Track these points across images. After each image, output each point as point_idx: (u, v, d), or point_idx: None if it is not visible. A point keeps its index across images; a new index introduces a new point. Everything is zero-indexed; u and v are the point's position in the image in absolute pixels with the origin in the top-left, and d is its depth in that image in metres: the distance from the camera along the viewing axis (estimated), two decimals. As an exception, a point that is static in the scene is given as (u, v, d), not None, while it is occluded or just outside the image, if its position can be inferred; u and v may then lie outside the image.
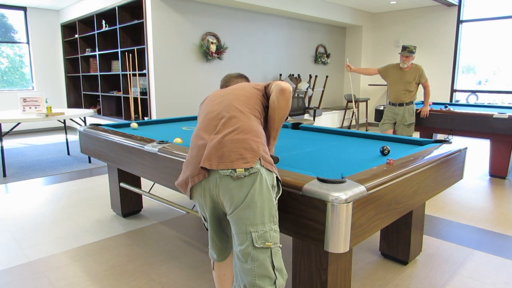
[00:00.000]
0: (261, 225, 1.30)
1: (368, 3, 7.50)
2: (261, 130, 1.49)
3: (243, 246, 1.30)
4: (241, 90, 1.64)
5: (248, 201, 1.29)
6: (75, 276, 2.27)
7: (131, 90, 6.11)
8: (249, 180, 1.30)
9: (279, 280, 1.31)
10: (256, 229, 1.29)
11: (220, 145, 1.35)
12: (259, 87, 1.68)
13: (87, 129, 3.03)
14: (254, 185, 1.30)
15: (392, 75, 4.41)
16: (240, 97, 1.58)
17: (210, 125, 1.49)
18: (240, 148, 1.34)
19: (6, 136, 7.02)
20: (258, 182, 1.30)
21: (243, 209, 1.30)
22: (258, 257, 1.29)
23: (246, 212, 1.29)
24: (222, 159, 1.32)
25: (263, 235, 1.29)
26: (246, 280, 1.32)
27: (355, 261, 2.45)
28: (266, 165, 1.35)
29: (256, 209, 1.29)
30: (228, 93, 1.64)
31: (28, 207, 3.45)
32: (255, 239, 1.28)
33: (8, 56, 7.78)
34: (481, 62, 9.18)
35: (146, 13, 5.54)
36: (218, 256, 1.61)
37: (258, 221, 1.29)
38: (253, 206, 1.29)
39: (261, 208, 1.30)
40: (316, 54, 8.19)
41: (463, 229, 2.97)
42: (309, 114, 7.19)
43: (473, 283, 2.19)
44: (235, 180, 1.31)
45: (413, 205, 1.85)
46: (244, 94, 1.60)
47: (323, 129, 2.98)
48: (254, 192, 1.30)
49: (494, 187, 4.09)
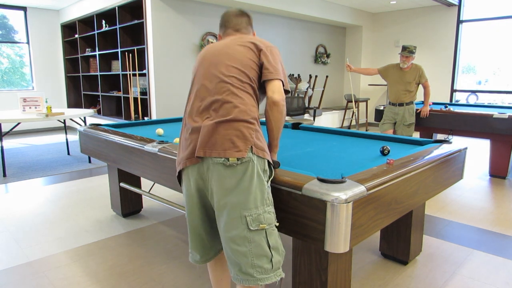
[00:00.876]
0: (254, 208, 1.35)
1: (368, 3, 7.50)
2: (254, 112, 1.45)
3: (238, 231, 1.35)
4: (235, 57, 1.50)
5: (241, 187, 1.34)
6: (75, 276, 2.27)
7: (131, 90, 6.11)
8: (242, 167, 1.35)
9: (275, 257, 1.39)
10: (250, 213, 1.34)
11: (214, 132, 1.38)
12: (255, 58, 1.51)
13: (87, 129, 3.03)
14: (246, 172, 1.35)
15: (392, 75, 4.41)
16: (233, 70, 1.47)
17: (202, 107, 1.47)
18: (233, 136, 1.36)
19: (6, 136, 7.02)
20: (250, 169, 1.36)
21: (237, 195, 1.34)
22: (254, 239, 1.35)
23: (239, 198, 1.34)
24: (215, 146, 1.36)
25: (257, 218, 1.35)
26: (243, 262, 1.36)
27: (355, 261, 2.45)
28: (258, 152, 1.38)
29: (249, 194, 1.34)
30: (221, 61, 1.50)
31: (28, 207, 3.45)
32: (250, 223, 1.34)
33: (8, 56, 7.78)
34: (481, 62, 9.18)
35: (146, 13, 5.54)
36: (202, 256, 1.58)
37: (252, 205, 1.35)
38: (246, 191, 1.34)
39: (254, 193, 1.35)
40: (316, 54, 8.19)
41: (463, 229, 2.97)
42: (309, 114, 7.19)
43: (473, 283, 2.19)
44: (227, 168, 1.35)
45: (413, 205, 1.85)
46: (238, 64, 1.48)
47: (323, 129, 2.98)
48: (246, 179, 1.35)
49: (494, 187, 4.09)
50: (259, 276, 1.36)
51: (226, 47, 1.54)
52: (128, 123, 3.32)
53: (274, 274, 1.38)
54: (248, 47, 1.52)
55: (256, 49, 1.52)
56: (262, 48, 1.51)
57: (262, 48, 1.51)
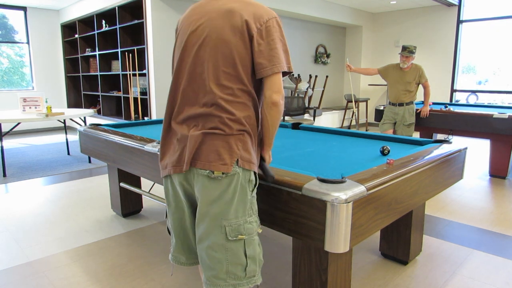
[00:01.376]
0: (234, 219, 1.31)
1: (368, 3, 7.50)
2: (247, 121, 1.33)
3: (216, 238, 1.31)
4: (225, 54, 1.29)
5: (224, 198, 1.30)
6: (75, 276, 2.27)
7: (131, 90, 6.11)
8: (226, 180, 1.29)
9: (250, 266, 1.35)
10: (230, 223, 1.30)
11: (200, 143, 1.30)
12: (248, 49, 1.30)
13: (87, 129, 3.03)
14: (231, 185, 1.30)
15: (392, 75, 4.41)
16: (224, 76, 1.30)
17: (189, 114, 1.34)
18: (219, 147, 1.29)
19: (6, 136, 7.02)
20: (234, 182, 1.30)
21: (219, 205, 1.30)
22: (231, 247, 1.32)
23: (221, 208, 1.30)
24: (200, 158, 1.29)
25: (236, 228, 1.31)
26: (217, 268, 1.33)
27: (355, 261, 2.45)
28: (244, 164, 1.31)
29: (231, 206, 1.30)
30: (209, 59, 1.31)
31: (28, 207, 3.45)
32: (229, 233, 1.30)
33: (8, 56, 7.78)
34: (481, 62, 9.18)
35: (146, 13, 5.54)
36: (188, 259, 1.51)
37: (232, 216, 1.31)
38: (228, 203, 1.30)
39: (236, 205, 1.31)
40: (316, 54, 8.19)
41: (463, 229, 2.97)
42: (309, 114, 7.19)
43: (473, 283, 2.19)
44: (212, 179, 1.29)
45: (413, 205, 1.85)
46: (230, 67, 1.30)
47: (323, 129, 2.98)
48: (230, 191, 1.30)
49: (494, 187, 4.09)
50: (231, 282, 1.34)
51: (214, 30, 1.30)
52: (128, 123, 3.32)
53: (247, 281, 1.36)
54: (239, 34, 1.28)
55: (248, 34, 1.28)
56: (253, 34, 1.28)
57: (253, 34, 1.28)
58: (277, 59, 1.29)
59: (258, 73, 1.31)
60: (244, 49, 1.29)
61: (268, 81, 1.31)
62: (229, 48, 1.29)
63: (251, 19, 1.29)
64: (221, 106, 1.29)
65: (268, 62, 1.29)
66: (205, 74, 1.31)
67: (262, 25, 1.29)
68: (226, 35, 1.29)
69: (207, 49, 1.31)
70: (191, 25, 1.36)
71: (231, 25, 1.29)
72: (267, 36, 1.29)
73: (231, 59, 1.29)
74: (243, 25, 1.28)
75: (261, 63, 1.29)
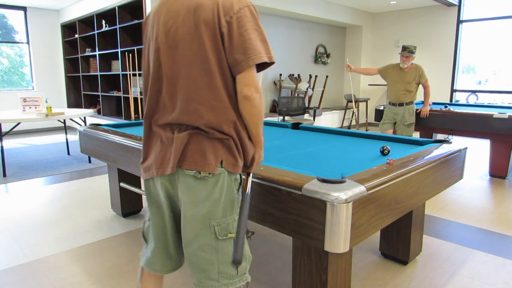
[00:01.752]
0: (223, 218, 1.29)
1: (368, 3, 7.50)
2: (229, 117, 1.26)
3: (206, 239, 1.29)
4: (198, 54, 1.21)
5: (211, 198, 1.27)
6: (75, 276, 2.27)
7: (131, 90, 6.11)
8: (213, 180, 1.26)
9: (242, 264, 1.34)
10: (218, 223, 1.28)
11: (186, 144, 1.26)
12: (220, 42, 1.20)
13: (87, 129, 3.04)
14: (217, 184, 1.27)
15: (392, 75, 4.41)
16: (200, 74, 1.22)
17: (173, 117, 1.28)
18: (205, 148, 1.25)
19: (6, 136, 7.02)
20: (221, 181, 1.28)
21: (206, 205, 1.27)
22: (222, 247, 1.30)
23: (208, 208, 1.27)
24: (186, 158, 1.25)
25: (225, 227, 1.29)
26: (209, 269, 1.31)
27: (355, 261, 2.45)
28: (228, 166, 1.28)
29: (218, 205, 1.28)
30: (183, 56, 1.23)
31: (28, 207, 3.45)
32: (218, 232, 1.28)
33: (8, 56, 7.78)
34: (481, 62, 9.18)
35: (146, 13, 5.54)
36: (163, 266, 1.44)
37: (220, 215, 1.29)
38: (216, 202, 1.28)
39: (224, 203, 1.29)
40: (316, 54, 8.19)
41: (463, 229, 2.97)
42: (309, 114, 7.19)
43: (473, 283, 2.19)
44: (198, 179, 1.26)
45: (413, 205, 1.85)
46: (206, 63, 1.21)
47: (323, 129, 2.98)
48: (217, 190, 1.27)
49: (494, 187, 4.09)
50: (224, 282, 1.32)
51: (187, 31, 1.22)
52: (128, 123, 3.32)
53: (239, 279, 1.35)
54: (211, 32, 1.19)
55: (219, 30, 1.19)
56: (223, 30, 1.19)
57: (223, 30, 1.19)
58: (253, 51, 1.18)
59: (234, 70, 1.21)
60: (219, 48, 1.21)
61: (240, 76, 1.21)
62: (204, 49, 1.20)
63: (221, 12, 1.18)
64: (202, 112, 1.23)
65: (243, 56, 1.18)
66: (183, 79, 1.24)
67: (233, 16, 1.18)
68: (199, 36, 1.20)
69: (182, 52, 1.23)
70: (163, 25, 1.26)
71: (203, 23, 1.19)
72: (238, 27, 1.18)
73: (207, 61, 1.21)
74: (215, 21, 1.19)
75: (236, 58, 1.19)
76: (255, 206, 1.64)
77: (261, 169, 1.66)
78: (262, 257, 2.50)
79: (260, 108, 1.25)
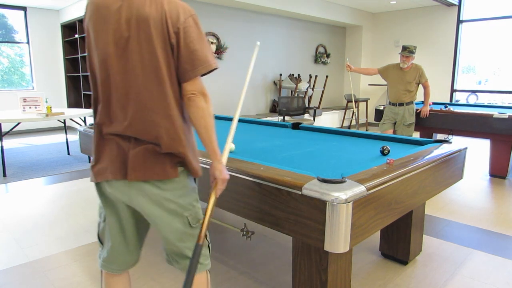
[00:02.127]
0: (192, 208, 1.39)
1: (368, 3, 7.50)
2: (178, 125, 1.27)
3: (183, 230, 1.38)
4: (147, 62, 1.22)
5: (176, 195, 1.34)
6: (75, 276, 2.27)
7: (131, 90, 6.11)
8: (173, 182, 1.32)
9: (206, 243, 1.46)
10: (190, 213, 1.38)
11: (143, 157, 1.26)
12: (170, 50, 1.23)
13: (87, 129, 3.03)
14: (179, 184, 1.34)
15: (392, 75, 4.41)
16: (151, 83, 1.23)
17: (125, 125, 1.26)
18: (161, 158, 1.27)
19: (6, 136, 7.02)
20: (181, 177, 1.34)
21: (175, 202, 1.34)
22: (195, 233, 1.41)
23: (178, 203, 1.34)
24: (146, 170, 1.27)
25: (195, 216, 1.40)
26: (190, 255, 1.41)
27: (355, 261, 2.45)
28: (186, 169, 1.34)
29: (186, 197, 1.37)
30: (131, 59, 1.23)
31: (28, 207, 3.45)
32: (191, 221, 1.39)
33: (8, 56, 7.78)
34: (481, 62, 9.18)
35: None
36: (121, 266, 1.48)
37: (190, 205, 1.38)
38: (183, 196, 1.36)
39: (189, 195, 1.38)
40: (316, 54, 8.19)
41: (463, 229, 2.97)
42: (309, 114, 7.19)
43: (473, 283, 2.19)
44: (158, 186, 1.30)
45: (413, 205, 1.85)
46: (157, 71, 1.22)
47: (323, 129, 2.98)
48: (179, 188, 1.34)
49: (494, 187, 4.09)
50: (205, 262, 1.45)
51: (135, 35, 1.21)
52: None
53: (209, 254, 1.50)
54: (159, 36, 1.21)
55: (168, 36, 1.21)
56: (172, 42, 1.22)
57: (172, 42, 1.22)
58: (199, 61, 1.24)
59: (181, 78, 1.25)
60: (170, 58, 1.23)
61: (187, 83, 1.26)
62: (157, 59, 1.22)
63: (169, 24, 1.21)
64: (158, 121, 1.25)
65: (191, 67, 1.23)
66: (135, 90, 1.24)
67: (180, 27, 1.21)
68: (151, 47, 1.21)
69: (135, 63, 1.23)
70: (112, 35, 1.24)
71: (154, 34, 1.21)
72: (185, 38, 1.22)
73: (160, 71, 1.22)
74: (164, 32, 1.21)
75: (185, 68, 1.23)
76: (255, 206, 1.64)
77: (261, 169, 1.66)
78: (262, 257, 2.50)
79: (206, 112, 1.27)
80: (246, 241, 2.71)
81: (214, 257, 2.50)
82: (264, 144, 2.50)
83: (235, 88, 6.77)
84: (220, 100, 6.57)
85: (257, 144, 2.50)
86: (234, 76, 6.71)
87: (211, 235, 2.84)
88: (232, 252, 2.57)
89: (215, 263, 2.41)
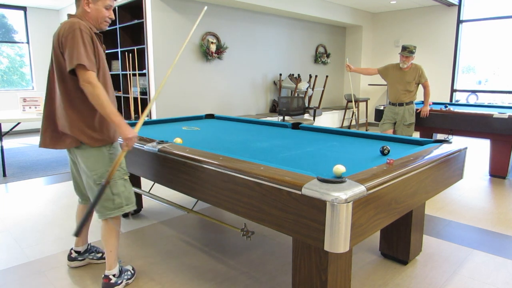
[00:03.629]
0: (98, 170, 1.98)
1: (368, 3, 7.50)
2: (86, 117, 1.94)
3: (91, 184, 2.01)
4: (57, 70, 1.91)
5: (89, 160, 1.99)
6: (75, 276, 2.27)
7: (131, 90, 6.11)
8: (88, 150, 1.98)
9: (117, 200, 2.02)
10: (96, 173, 1.98)
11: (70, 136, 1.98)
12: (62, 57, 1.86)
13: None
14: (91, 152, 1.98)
15: (392, 75, 4.41)
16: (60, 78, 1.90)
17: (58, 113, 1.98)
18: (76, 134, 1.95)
19: (6, 136, 7.01)
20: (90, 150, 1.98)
21: (87, 165, 1.99)
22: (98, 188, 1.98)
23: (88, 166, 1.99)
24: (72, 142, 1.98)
25: (100, 176, 1.98)
26: (98, 203, 1.96)
27: (355, 261, 2.45)
28: (91, 143, 1.95)
29: (93, 163, 1.99)
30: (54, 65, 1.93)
31: (28, 207, 3.45)
32: (95, 180, 1.99)
33: (8, 56, 7.78)
34: (481, 62, 9.19)
35: (146, 13, 5.54)
36: (82, 200, 2.31)
37: (94, 169, 1.98)
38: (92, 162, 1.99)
39: (94, 161, 1.99)
40: (316, 54, 8.19)
41: (463, 229, 2.97)
42: (309, 114, 7.19)
43: (473, 283, 2.19)
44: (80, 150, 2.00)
45: (413, 205, 1.85)
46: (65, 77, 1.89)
47: (323, 129, 2.98)
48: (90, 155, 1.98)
49: (494, 187, 4.09)
50: (106, 212, 2.02)
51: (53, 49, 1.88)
52: (128, 123, 3.31)
53: (117, 210, 2.03)
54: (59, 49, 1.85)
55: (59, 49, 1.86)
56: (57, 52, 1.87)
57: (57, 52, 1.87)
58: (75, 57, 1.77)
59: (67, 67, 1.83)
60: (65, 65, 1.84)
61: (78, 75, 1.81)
62: (62, 67, 1.87)
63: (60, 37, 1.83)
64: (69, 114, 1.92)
65: (69, 60, 1.79)
66: (55, 91, 1.96)
67: (63, 40, 1.82)
68: (58, 58, 1.87)
69: (56, 72, 1.92)
70: (52, 49, 1.89)
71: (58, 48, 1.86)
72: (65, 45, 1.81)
73: (64, 75, 1.88)
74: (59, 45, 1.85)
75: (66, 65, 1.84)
76: (255, 206, 1.64)
77: (261, 169, 1.66)
78: (262, 257, 2.50)
79: (94, 94, 1.79)
80: (246, 241, 2.71)
81: (214, 257, 2.50)
82: (264, 144, 2.50)
83: (235, 88, 6.77)
84: (220, 100, 6.57)
85: (257, 144, 2.50)
86: (234, 76, 6.71)
87: (211, 234, 2.84)
88: (232, 252, 2.57)
89: (215, 263, 2.41)
